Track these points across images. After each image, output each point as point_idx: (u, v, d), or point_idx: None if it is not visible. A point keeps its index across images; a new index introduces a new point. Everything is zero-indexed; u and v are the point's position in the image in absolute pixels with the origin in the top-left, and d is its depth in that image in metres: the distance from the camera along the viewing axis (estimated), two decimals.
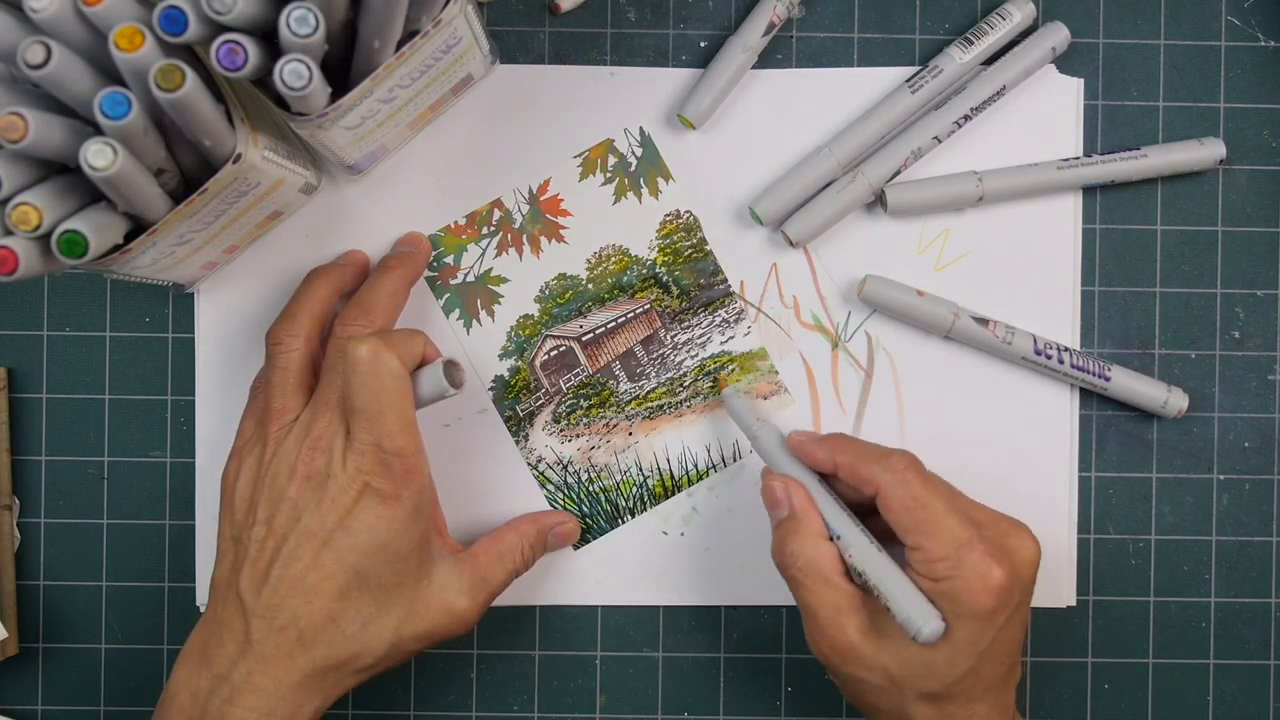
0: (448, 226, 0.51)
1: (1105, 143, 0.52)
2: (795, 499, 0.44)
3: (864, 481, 0.43)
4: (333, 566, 0.43)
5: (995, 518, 0.44)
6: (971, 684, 0.42)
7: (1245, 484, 0.52)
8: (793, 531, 0.44)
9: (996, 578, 0.40)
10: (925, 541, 0.41)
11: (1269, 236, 0.52)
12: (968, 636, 0.41)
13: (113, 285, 0.52)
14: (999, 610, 0.41)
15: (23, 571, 0.51)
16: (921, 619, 0.41)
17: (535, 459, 0.52)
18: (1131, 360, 0.52)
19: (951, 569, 0.41)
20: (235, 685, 0.42)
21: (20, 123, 0.35)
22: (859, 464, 0.43)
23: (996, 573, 0.40)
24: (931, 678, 0.41)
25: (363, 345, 0.43)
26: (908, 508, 0.42)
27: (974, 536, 0.41)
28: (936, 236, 0.52)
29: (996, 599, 0.41)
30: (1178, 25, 0.52)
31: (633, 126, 0.51)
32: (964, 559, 0.41)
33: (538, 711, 0.52)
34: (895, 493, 0.42)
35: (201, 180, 0.40)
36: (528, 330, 0.52)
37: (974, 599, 0.40)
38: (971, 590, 0.40)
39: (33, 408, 0.51)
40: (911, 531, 0.42)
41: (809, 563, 0.43)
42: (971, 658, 0.41)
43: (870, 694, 0.43)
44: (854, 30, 0.52)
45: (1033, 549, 0.43)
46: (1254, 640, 0.52)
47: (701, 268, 0.52)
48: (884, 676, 0.42)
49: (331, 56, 0.40)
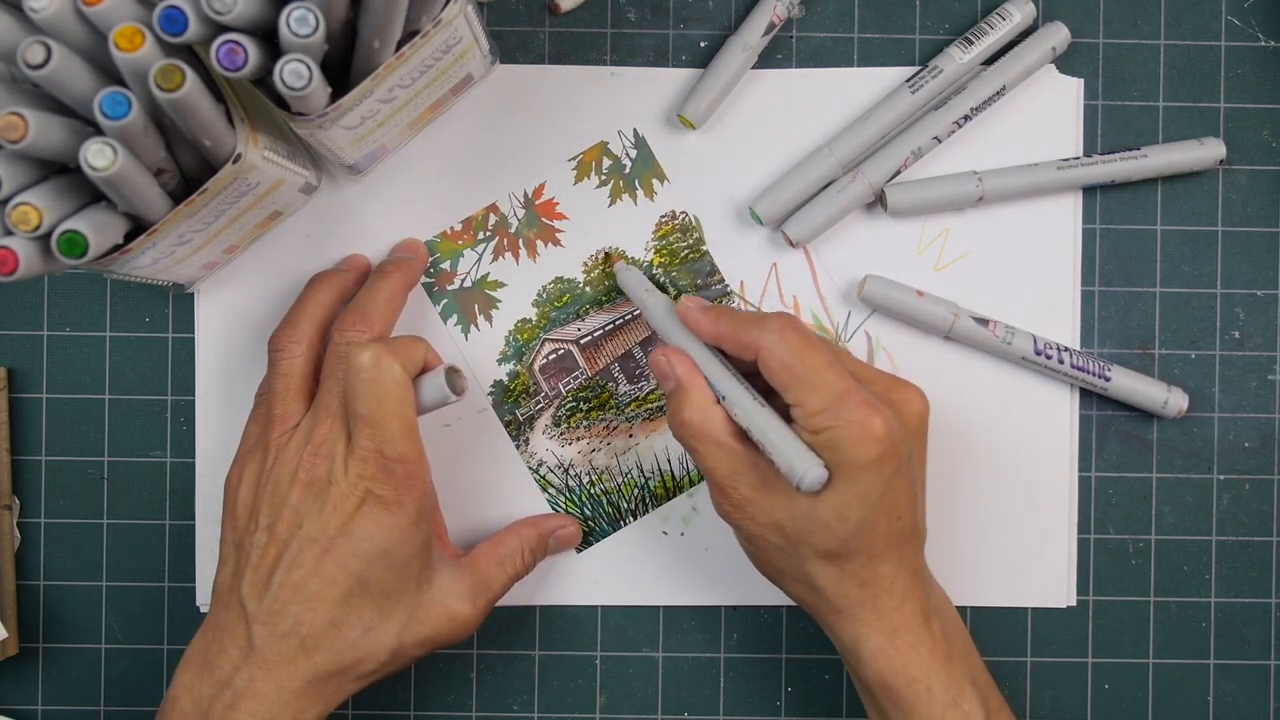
0: (444, 232, 0.51)
1: (1105, 143, 0.52)
2: (679, 369, 0.44)
3: (745, 347, 0.43)
4: (335, 572, 0.43)
5: (881, 376, 0.44)
6: (869, 539, 0.42)
7: (1245, 484, 0.52)
8: (682, 401, 0.44)
9: (877, 426, 0.40)
10: (804, 396, 0.41)
11: (1269, 236, 0.52)
12: (854, 488, 0.41)
13: (113, 285, 0.52)
14: (884, 459, 0.40)
15: (23, 571, 0.51)
16: (803, 466, 0.40)
17: (536, 463, 0.52)
18: (1131, 360, 0.52)
19: (830, 419, 0.40)
20: (238, 691, 0.42)
21: (20, 123, 0.35)
22: (739, 330, 0.43)
23: (876, 420, 0.40)
24: (824, 531, 0.41)
25: (365, 351, 0.43)
26: (786, 364, 0.41)
27: (851, 387, 0.41)
28: (936, 236, 0.52)
29: (879, 447, 0.40)
30: (1178, 25, 0.52)
31: (629, 128, 0.51)
32: (842, 409, 0.40)
33: (538, 711, 0.52)
34: (775, 351, 0.42)
35: (201, 180, 0.40)
36: (526, 334, 0.52)
37: (854, 448, 0.40)
38: (852, 440, 0.40)
39: (33, 408, 0.51)
40: (791, 388, 0.41)
41: (698, 428, 0.43)
42: (861, 509, 0.41)
43: (771, 554, 0.44)
44: (854, 30, 0.52)
45: (918, 402, 0.43)
46: (1254, 640, 0.52)
47: (699, 268, 0.52)
48: (779, 534, 0.42)
49: (331, 56, 0.40)
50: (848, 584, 0.43)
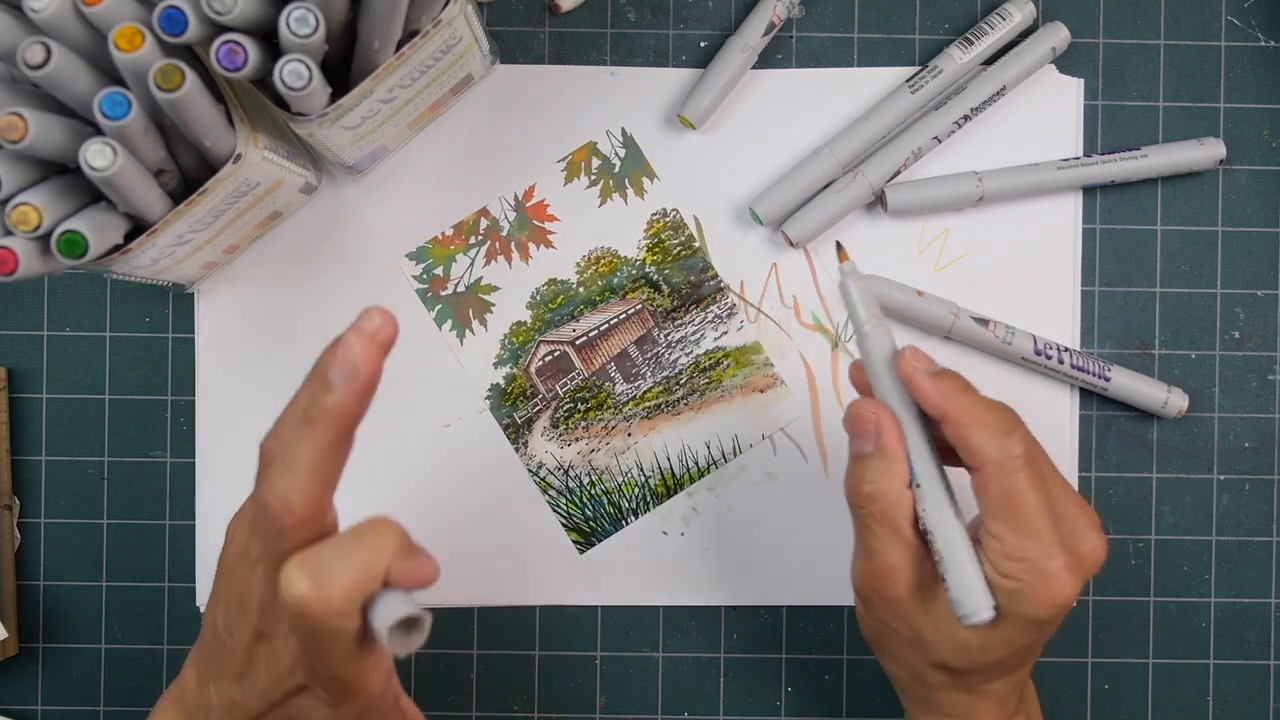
0: (435, 237, 0.51)
1: (1105, 143, 0.52)
2: (887, 439, 0.39)
3: (969, 450, 0.38)
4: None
5: (1080, 511, 0.39)
6: (996, 669, 0.40)
7: (1245, 484, 0.52)
8: (877, 471, 0.39)
9: (1066, 595, 0.37)
10: (1008, 535, 0.37)
11: (1269, 236, 0.52)
12: (1012, 632, 0.38)
13: (113, 285, 0.52)
14: (1056, 619, 0.39)
15: (23, 571, 0.51)
16: (973, 605, 0.38)
17: (536, 465, 0.52)
18: (1131, 360, 0.52)
19: (1025, 573, 0.37)
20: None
21: (20, 123, 0.35)
22: (970, 430, 0.38)
23: (1068, 590, 0.37)
24: (960, 653, 0.40)
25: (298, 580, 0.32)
26: (1005, 496, 0.37)
27: (1058, 547, 0.37)
28: (936, 236, 0.52)
29: (1061, 612, 0.38)
30: (1178, 25, 0.52)
31: (618, 128, 0.51)
32: (1040, 568, 0.37)
33: (538, 711, 0.52)
34: (997, 477, 0.37)
35: (201, 180, 0.40)
36: (521, 337, 0.52)
37: (1037, 608, 0.37)
38: (1037, 600, 0.37)
39: (33, 408, 0.51)
40: (998, 518, 0.38)
41: (885, 509, 0.39)
42: (1008, 650, 0.39)
43: (892, 643, 0.41)
44: (854, 30, 0.52)
45: (1101, 553, 0.39)
46: (1254, 640, 0.52)
47: (691, 265, 0.52)
48: (915, 635, 0.40)
49: (331, 56, 0.40)
50: (955, 692, 0.41)
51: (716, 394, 0.52)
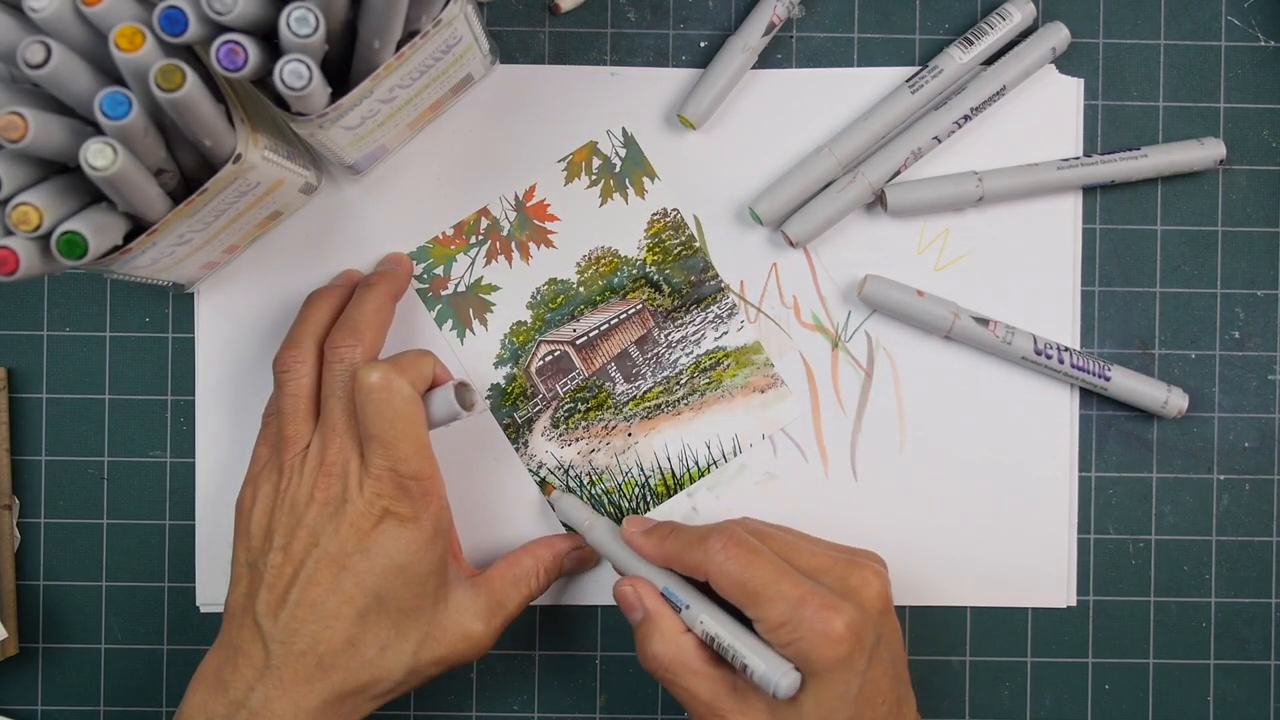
0: (436, 237, 0.51)
1: (1105, 143, 0.52)
2: (647, 600, 0.44)
3: (694, 570, 0.44)
4: (352, 590, 0.43)
5: (834, 560, 0.44)
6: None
7: (1245, 484, 0.52)
8: (650, 633, 0.44)
9: (838, 627, 0.40)
10: (762, 611, 0.42)
11: (1269, 236, 0.52)
12: (832, 689, 0.41)
13: (113, 285, 0.52)
14: (853, 657, 0.41)
15: (23, 571, 0.51)
16: (775, 676, 0.41)
17: (536, 465, 0.52)
18: (1131, 360, 0.52)
19: (792, 632, 0.41)
20: (253, 710, 0.42)
21: (20, 123, 0.35)
22: (685, 553, 0.44)
23: (837, 622, 0.40)
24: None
25: (374, 372, 0.43)
26: (737, 584, 0.42)
27: (806, 593, 0.41)
28: (936, 236, 0.52)
29: (845, 647, 0.41)
30: (1178, 25, 0.52)
31: (618, 128, 0.51)
32: (801, 618, 0.41)
33: (538, 711, 0.52)
34: (723, 570, 0.42)
35: (201, 180, 0.40)
36: (521, 337, 0.52)
37: (821, 654, 0.40)
38: (817, 647, 0.40)
39: (33, 408, 0.51)
40: (748, 605, 0.42)
41: (673, 661, 0.43)
42: (844, 706, 0.41)
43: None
44: (854, 30, 0.52)
45: (876, 583, 0.43)
46: (1254, 640, 0.52)
47: (691, 264, 0.52)
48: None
49: (331, 56, 0.40)
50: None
51: (717, 394, 0.52)
